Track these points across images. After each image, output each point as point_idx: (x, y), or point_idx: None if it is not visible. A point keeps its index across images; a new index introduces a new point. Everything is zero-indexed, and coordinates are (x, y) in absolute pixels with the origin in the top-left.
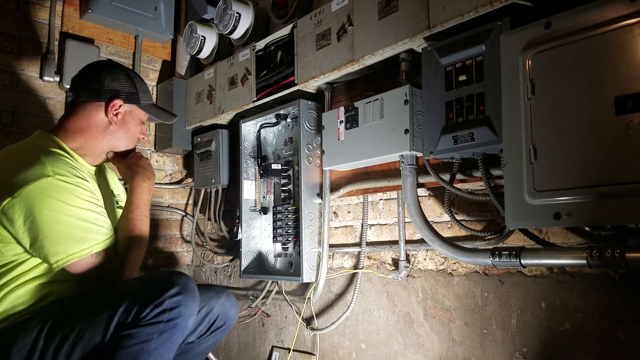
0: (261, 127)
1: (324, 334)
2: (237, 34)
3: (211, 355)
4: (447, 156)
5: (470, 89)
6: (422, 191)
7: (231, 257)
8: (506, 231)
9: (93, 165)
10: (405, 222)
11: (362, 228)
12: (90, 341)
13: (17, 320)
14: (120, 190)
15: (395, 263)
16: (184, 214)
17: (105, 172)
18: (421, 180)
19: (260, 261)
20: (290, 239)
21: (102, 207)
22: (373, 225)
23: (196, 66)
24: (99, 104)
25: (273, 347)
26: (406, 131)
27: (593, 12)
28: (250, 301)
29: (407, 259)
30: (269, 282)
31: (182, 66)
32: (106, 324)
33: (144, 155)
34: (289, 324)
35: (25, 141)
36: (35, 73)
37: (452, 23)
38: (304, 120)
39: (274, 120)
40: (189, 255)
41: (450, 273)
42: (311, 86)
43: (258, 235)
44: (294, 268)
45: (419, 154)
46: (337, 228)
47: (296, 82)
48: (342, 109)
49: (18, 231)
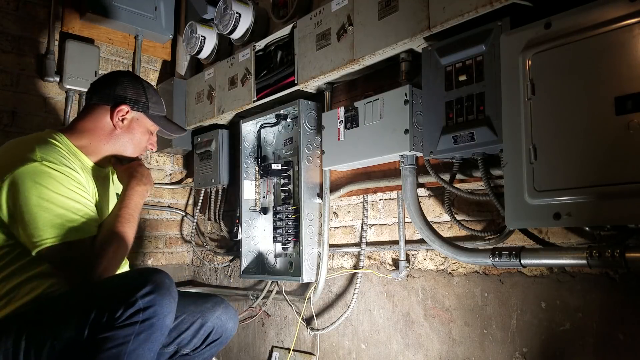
0: (261, 127)
1: (324, 334)
2: (237, 34)
3: None
4: (447, 156)
5: (470, 89)
6: (422, 191)
7: (231, 257)
8: (506, 231)
9: (98, 165)
10: (405, 222)
11: (362, 228)
12: (68, 342)
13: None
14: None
15: (395, 263)
16: (184, 214)
17: (114, 176)
18: (421, 180)
19: (260, 261)
20: (290, 239)
21: (89, 200)
22: (373, 225)
23: (196, 66)
24: (106, 107)
25: (273, 347)
26: (406, 131)
27: (593, 12)
28: (250, 301)
29: (407, 259)
30: (269, 282)
31: (182, 66)
32: (81, 325)
33: (144, 165)
34: (289, 324)
35: (31, 134)
36: (35, 73)
37: (452, 23)
38: (304, 120)
39: (274, 120)
40: (189, 255)
41: (450, 273)
42: (311, 86)
43: (258, 235)
44: (294, 268)
45: (419, 154)
46: (337, 228)
47: (296, 82)
48: (342, 109)
49: (3, 215)
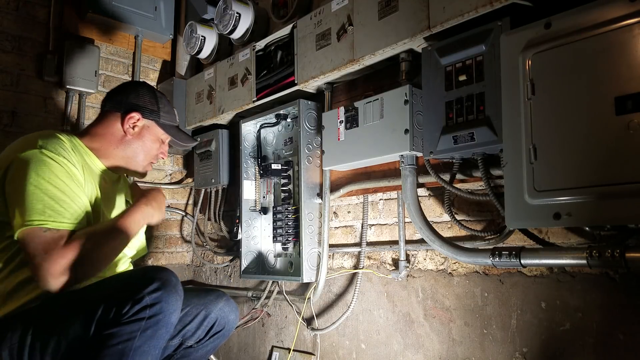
0: (261, 127)
1: (324, 334)
2: (237, 34)
3: (211, 355)
4: (447, 156)
5: (470, 89)
6: (422, 191)
7: (231, 257)
8: (506, 231)
9: (110, 170)
10: (405, 222)
11: (362, 228)
12: (74, 339)
13: (5, 313)
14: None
15: (395, 263)
16: (184, 214)
17: (124, 181)
18: (421, 180)
19: (260, 261)
20: (290, 239)
21: (78, 196)
22: (373, 225)
23: (196, 66)
24: (118, 114)
25: (273, 347)
26: (406, 131)
27: (593, 12)
28: (250, 301)
29: (407, 259)
30: (269, 282)
31: (182, 66)
32: (88, 322)
33: (163, 194)
34: (289, 324)
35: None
36: (35, 73)
37: (452, 23)
38: (304, 120)
39: (274, 120)
40: (189, 255)
41: (450, 273)
42: (311, 86)
43: (258, 235)
44: (294, 268)
45: (419, 154)
46: (337, 228)
47: (296, 82)
48: (342, 109)
49: (3, 202)
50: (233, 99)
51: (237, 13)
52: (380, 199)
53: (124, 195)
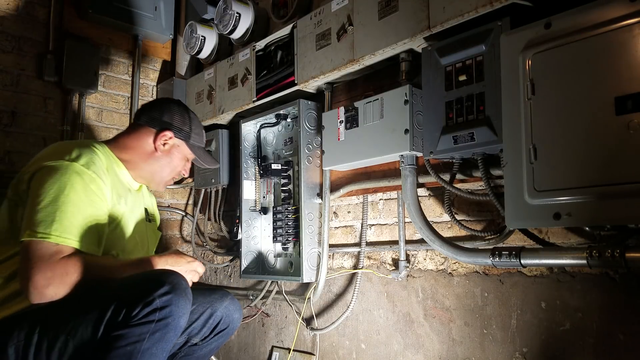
0: (261, 127)
1: (324, 334)
2: (237, 34)
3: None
4: (447, 156)
5: (470, 89)
6: (422, 191)
7: (231, 257)
8: (506, 231)
9: (134, 180)
10: (405, 222)
11: (362, 228)
12: (82, 339)
13: (15, 311)
14: (154, 209)
15: (395, 263)
16: (184, 214)
17: (145, 192)
18: (421, 180)
19: (260, 261)
20: (290, 239)
21: (95, 214)
22: (373, 225)
23: (196, 66)
24: (151, 130)
25: (273, 347)
26: (406, 131)
27: (593, 12)
28: (250, 301)
29: (407, 259)
30: (268, 282)
31: (182, 66)
32: (97, 323)
33: (200, 266)
34: (289, 324)
35: (77, 140)
36: (35, 73)
37: (452, 23)
38: (304, 120)
39: (274, 120)
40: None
41: (450, 273)
42: (311, 86)
43: (258, 235)
44: (294, 268)
45: (419, 154)
46: (337, 228)
47: (296, 82)
48: (342, 109)
49: (24, 201)
50: (233, 99)
51: (237, 13)
52: (380, 199)
53: (143, 204)
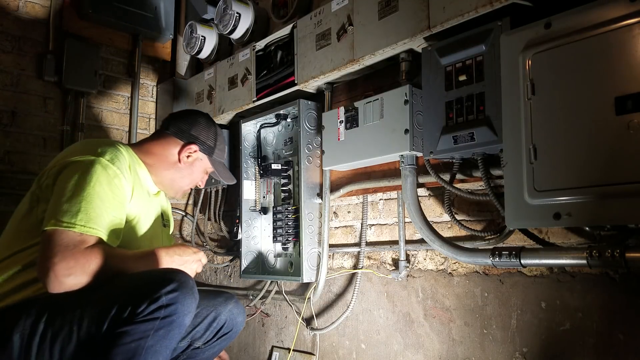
0: (261, 127)
1: (324, 334)
2: (237, 34)
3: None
4: (447, 156)
5: (470, 89)
6: (422, 191)
7: (231, 257)
8: (506, 231)
9: (154, 184)
10: (405, 222)
11: (362, 228)
12: (87, 332)
13: (23, 298)
14: (170, 216)
15: (395, 263)
16: (184, 214)
17: (163, 197)
18: (421, 180)
19: (260, 261)
20: (290, 239)
21: (118, 208)
22: (373, 225)
23: (196, 66)
24: (178, 142)
25: (273, 347)
26: (406, 131)
27: (593, 12)
28: (250, 301)
29: (407, 259)
30: (268, 282)
31: (182, 66)
32: (102, 317)
33: (204, 257)
34: (289, 324)
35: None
36: (35, 73)
37: (452, 23)
38: (304, 120)
39: (274, 120)
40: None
41: (450, 273)
42: (311, 86)
43: (258, 235)
44: (294, 268)
45: (419, 154)
46: (337, 228)
47: (296, 82)
48: (342, 109)
49: (47, 195)
50: (233, 99)
51: (237, 13)
52: (380, 199)
53: (160, 208)
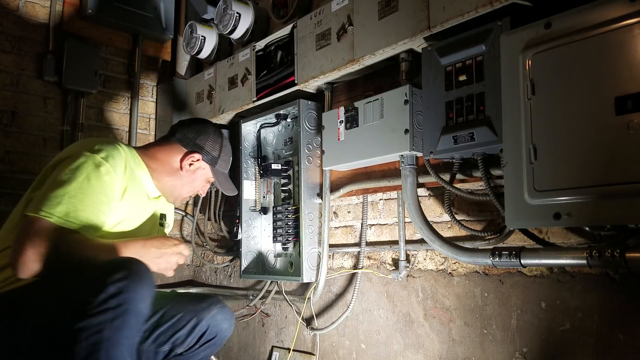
0: (261, 127)
1: (324, 334)
2: (237, 34)
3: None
4: (447, 156)
5: (470, 89)
6: (422, 191)
7: (231, 257)
8: (506, 231)
9: (156, 189)
10: (405, 222)
11: (362, 228)
12: (45, 330)
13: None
14: (169, 217)
15: (395, 263)
16: (184, 213)
17: (163, 200)
18: (421, 180)
19: (260, 261)
20: (290, 239)
21: (101, 206)
22: (373, 225)
23: (196, 66)
24: (182, 149)
25: (273, 347)
26: (406, 131)
27: (593, 12)
28: (250, 301)
29: (407, 259)
30: (268, 282)
31: (182, 66)
32: (58, 315)
33: (185, 249)
34: (289, 324)
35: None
36: (35, 73)
37: (452, 23)
38: (304, 120)
39: (274, 120)
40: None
41: (450, 273)
42: (311, 86)
43: (258, 235)
44: (294, 268)
45: (419, 154)
46: (337, 228)
47: (296, 82)
48: (342, 109)
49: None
50: (233, 99)
51: (237, 13)
52: (380, 199)
53: (158, 213)
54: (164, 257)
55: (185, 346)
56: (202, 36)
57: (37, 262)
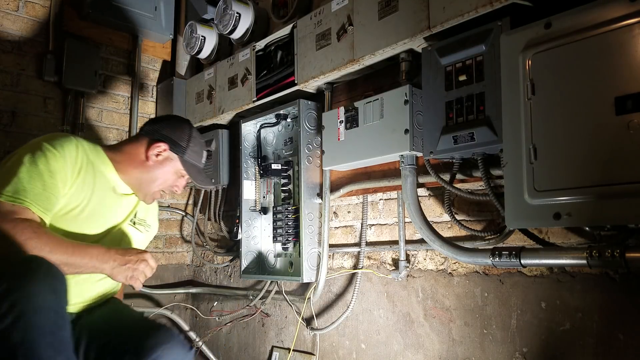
0: (261, 127)
1: (324, 334)
2: (237, 34)
3: (211, 355)
4: (447, 156)
5: (470, 89)
6: (422, 191)
7: (231, 257)
8: (506, 231)
9: (125, 184)
10: (405, 222)
11: (362, 228)
12: None
13: None
14: (149, 219)
15: (395, 263)
16: (184, 214)
17: (135, 199)
18: (421, 180)
19: (260, 261)
20: (290, 239)
21: (55, 187)
22: (373, 225)
23: (196, 66)
24: (148, 140)
25: (273, 347)
26: (406, 131)
27: (593, 12)
28: (250, 301)
29: (407, 259)
30: (268, 281)
31: (182, 66)
32: None
33: (151, 258)
34: (289, 324)
35: None
36: (35, 73)
37: (452, 23)
38: (304, 120)
39: (274, 120)
40: (189, 255)
41: (450, 273)
42: (311, 86)
43: (258, 235)
44: (294, 268)
45: (419, 154)
46: (337, 228)
47: (296, 82)
48: (342, 109)
49: None
50: (233, 99)
51: (237, 13)
52: (380, 199)
53: (130, 210)
54: (128, 264)
55: None
56: (202, 36)
57: None
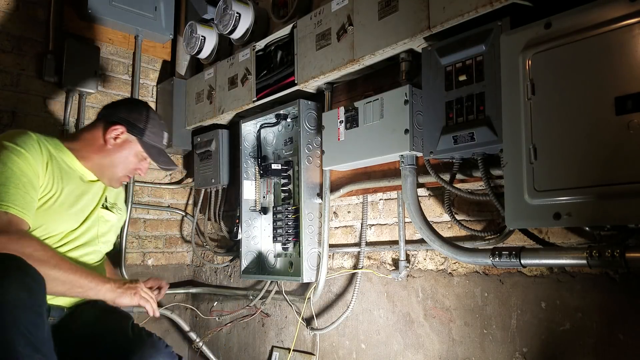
0: (261, 127)
1: (324, 334)
2: (237, 34)
3: (211, 355)
4: (447, 156)
5: (470, 89)
6: (422, 191)
7: (231, 257)
8: (506, 231)
9: (87, 169)
10: (405, 222)
11: (362, 228)
12: None
13: None
14: (119, 203)
15: (395, 263)
16: (184, 214)
17: (107, 189)
18: (421, 180)
19: (260, 261)
20: (290, 239)
21: (28, 185)
22: (373, 225)
23: (196, 66)
24: (104, 124)
25: (273, 347)
26: (406, 131)
27: (593, 12)
28: (250, 301)
29: (407, 259)
30: (268, 282)
31: (182, 66)
32: None
33: (146, 294)
34: (289, 324)
35: None
36: (35, 73)
37: (452, 23)
38: (304, 120)
39: (274, 120)
40: (189, 255)
41: (450, 273)
42: (311, 86)
43: (258, 235)
44: (294, 268)
45: (419, 154)
46: (337, 228)
47: (296, 82)
48: (342, 109)
49: None
50: (233, 99)
51: (237, 13)
52: (380, 199)
53: (100, 195)
54: (127, 284)
55: None
56: (202, 36)
57: None
